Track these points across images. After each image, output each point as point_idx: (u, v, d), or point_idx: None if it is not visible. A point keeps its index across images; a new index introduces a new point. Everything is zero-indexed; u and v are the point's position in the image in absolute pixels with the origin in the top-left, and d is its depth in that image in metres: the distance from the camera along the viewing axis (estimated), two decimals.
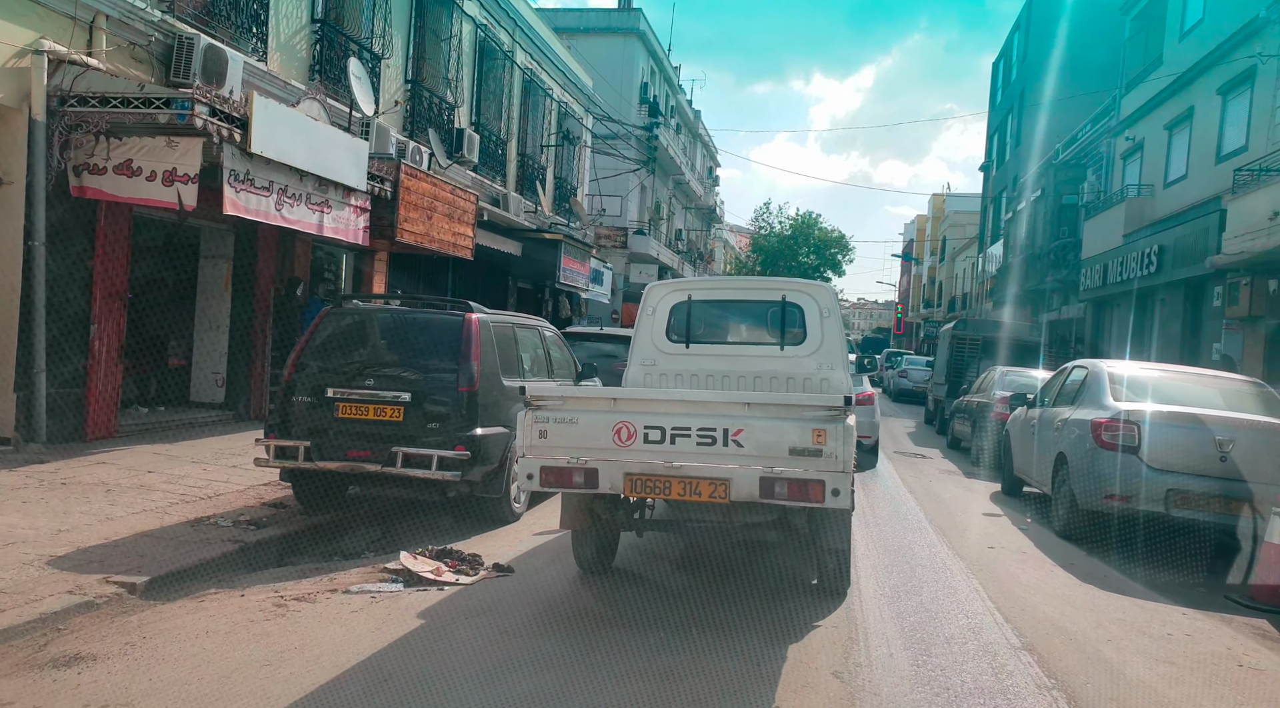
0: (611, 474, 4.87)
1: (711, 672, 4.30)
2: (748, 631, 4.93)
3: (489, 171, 18.50)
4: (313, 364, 7.20)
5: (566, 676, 4.19)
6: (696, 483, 4.77)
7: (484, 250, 16.67)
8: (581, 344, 14.13)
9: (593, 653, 4.49)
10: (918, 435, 18.68)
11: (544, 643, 4.63)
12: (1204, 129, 18.46)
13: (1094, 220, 23.97)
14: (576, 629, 4.90)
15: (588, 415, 4.99)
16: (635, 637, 4.76)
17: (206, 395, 12.25)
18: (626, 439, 4.85)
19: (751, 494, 4.71)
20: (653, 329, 7.17)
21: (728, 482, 4.73)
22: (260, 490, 7.95)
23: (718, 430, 4.77)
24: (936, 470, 13.01)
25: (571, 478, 4.93)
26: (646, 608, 5.34)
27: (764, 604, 5.44)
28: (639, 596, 5.67)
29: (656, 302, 7.22)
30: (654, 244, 33.59)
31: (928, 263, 69.95)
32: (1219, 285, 16.28)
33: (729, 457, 4.76)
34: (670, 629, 4.88)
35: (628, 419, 4.88)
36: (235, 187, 9.16)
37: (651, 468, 4.83)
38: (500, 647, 4.55)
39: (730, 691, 4.10)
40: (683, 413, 4.91)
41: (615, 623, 5.04)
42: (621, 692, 4.01)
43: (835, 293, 7.50)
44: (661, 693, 4.02)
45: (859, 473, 5.07)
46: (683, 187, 41.78)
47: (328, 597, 5.18)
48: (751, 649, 4.62)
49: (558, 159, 23.19)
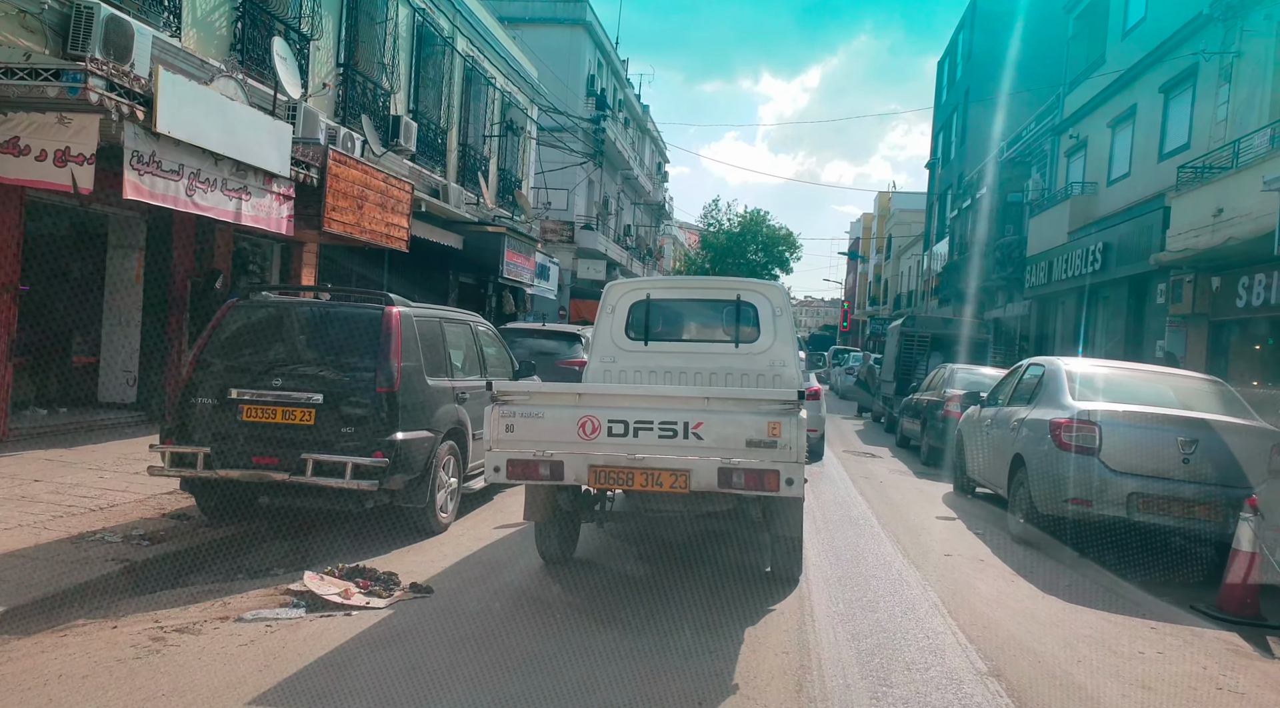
0: (576, 466, 5.05)
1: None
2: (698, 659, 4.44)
3: (428, 162, 17.78)
4: (215, 362, 6.53)
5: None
6: (658, 474, 4.97)
7: (422, 243, 15.99)
8: (522, 341, 13.56)
9: (514, 702, 3.95)
10: (867, 434, 18.46)
11: (459, 684, 4.06)
12: (1146, 127, 18.52)
13: (1039, 218, 24.04)
14: (499, 663, 4.36)
15: (553, 410, 5.18)
16: (567, 669, 4.24)
17: (116, 395, 11.41)
18: (591, 433, 5.04)
19: (710, 484, 4.93)
20: (612, 327, 7.31)
21: (688, 472, 4.93)
22: (162, 500, 7.24)
23: (678, 424, 4.97)
24: (887, 470, 12.71)
25: (537, 470, 5.10)
26: (579, 634, 4.83)
27: (713, 617, 4.97)
28: (572, 619, 5.15)
29: (616, 300, 7.35)
30: (602, 239, 33.04)
31: (874, 261, 70.52)
32: (1162, 283, 16.29)
33: (689, 449, 4.97)
34: (609, 662, 4.37)
35: (592, 413, 5.08)
36: (138, 169, 8.41)
37: (615, 460, 5.01)
38: (407, 684, 3.98)
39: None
40: (645, 407, 5.10)
41: (544, 657, 4.50)
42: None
43: (787, 292, 7.63)
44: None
45: (808, 469, 5.14)
46: (631, 182, 41.28)
47: (216, 626, 4.56)
48: (701, 676, 4.13)
49: (501, 150, 22.51)
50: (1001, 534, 8.09)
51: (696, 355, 7.26)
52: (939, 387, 13.80)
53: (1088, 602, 5.99)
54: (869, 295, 71.68)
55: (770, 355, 7.12)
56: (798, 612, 5.33)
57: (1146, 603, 6.06)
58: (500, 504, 8.42)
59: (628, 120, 40.27)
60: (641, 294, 7.38)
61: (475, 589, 5.56)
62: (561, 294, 31.59)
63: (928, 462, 13.24)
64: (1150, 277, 16.88)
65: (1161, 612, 5.84)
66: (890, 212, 63.67)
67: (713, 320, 7.51)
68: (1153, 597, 6.20)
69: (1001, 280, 27.29)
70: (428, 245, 16.50)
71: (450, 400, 7.18)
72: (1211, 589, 6.05)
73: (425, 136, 17.52)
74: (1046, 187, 25.14)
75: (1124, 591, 6.35)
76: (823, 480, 10.69)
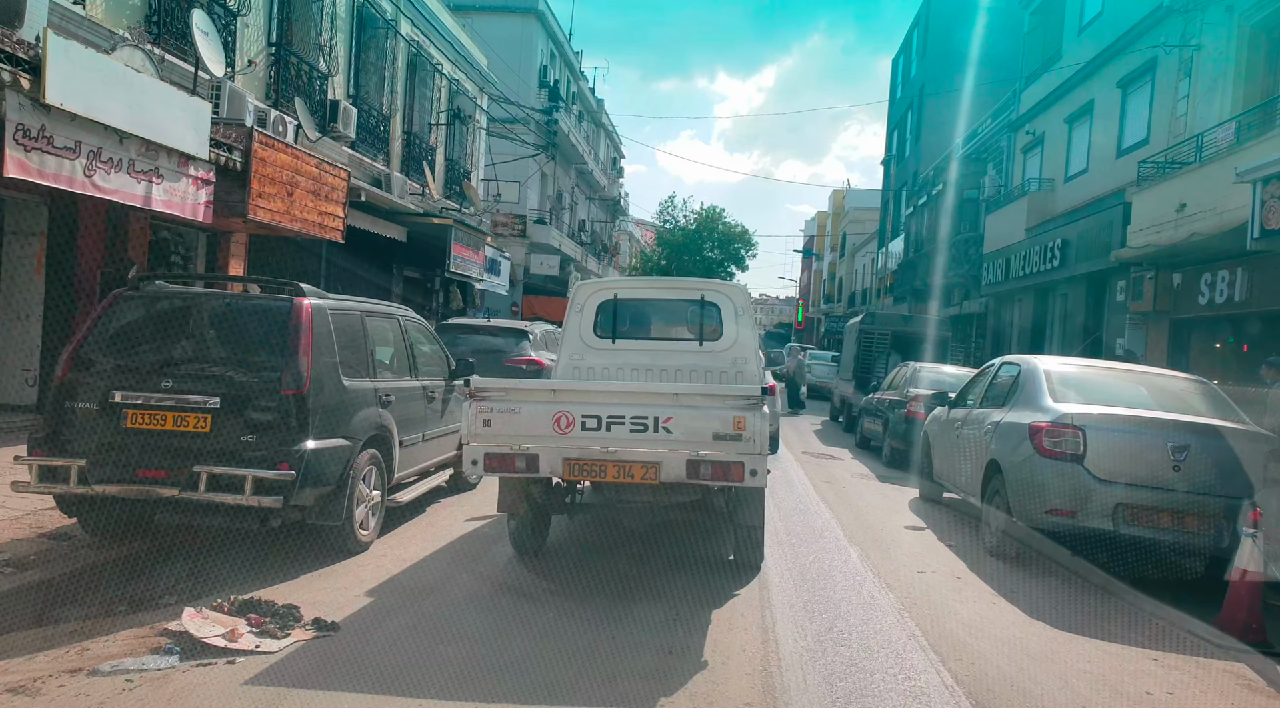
0: (551, 459, 5.27)
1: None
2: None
3: (369, 149, 16.88)
4: (97, 361, 5.68)
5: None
6: (630, 466, 5.20)
7: (364, 235, 15.12)
8: (466, 338, 12.80)
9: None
10: (825, 433, 17.95)
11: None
12: (1105, 122, 18.27)
13: (996, 215, 23.80)
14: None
15: (529, 406, 5.38)
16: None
17: (14, 396, 10.42)
18: (566, 427, 5.24)
19: (679, 476, 5.17)
20: (581, 325, 7.47)
21: (658, 464, 5.17)
22: (42, 517, 6.36)
23: (649, 418, 5.18)
24: (849, 473, 12.17)
25: (514, 463, 5.31)
26: (498, 671, 4.13)
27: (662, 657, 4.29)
28: (491, 655, 4.44)
29: (585, 299, 7.52)
30: (555, 234, 32.21)
31: (828, 259, 70.56)
32: (1122, 280, 16.02)
33: (659, 442, 5.19)
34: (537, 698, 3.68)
35: (567, 409, 5.27)
36: (24, 144, 7.48)
37: (589, 453, 5.25)
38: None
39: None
40: (618, 403, 5.33)
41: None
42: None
43: (749, 293, 7.87)
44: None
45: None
46: (586, 176, 40.49)
47: (61, 684, 3.76)
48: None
49: (449, 140, 21.60)
50: (976, 546, 7.54)
51: (662, 353, 7.46)
52: (901, 386, 13.31)
53: (1078, 628, 5.41)
54: (823, 293, 71.72)
55: (733, 353, 7.33)
56: (760, 650, 4.69)
57: (1141, 626, 5.52)
58: (433, 517, 7.68)
59: (582, 114, 39.49)
60: (609, 294, 7.57)
61: (390, 623, 4.82)
62: (514, 290, 30.72)
63: (890, 463, 12.73)
64: (1110, 274, 16.61)
65: (1159, 637, 5.29)
66: (845, 210, 63.66)
67: (678, 319, 7.72)
68: (1146, 618, 5.67)
69: (958, 278, 27.06)
70: (369, 237, 15.63)
71: (372, 404, 6.41)
72: (1206, 606, 5.55)
73: (366, 123, 16.61)
74: (1003, 184, 24.92)
75: (1114, 612, 5.81)
76: (782, 485, 10.09)
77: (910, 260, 34.02)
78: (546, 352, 13.00)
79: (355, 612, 4.92)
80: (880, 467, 12.78)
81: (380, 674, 4.08)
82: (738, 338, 7.32)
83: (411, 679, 4.01)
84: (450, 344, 9.62)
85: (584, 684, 4.06)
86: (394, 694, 3.85)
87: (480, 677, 4.11)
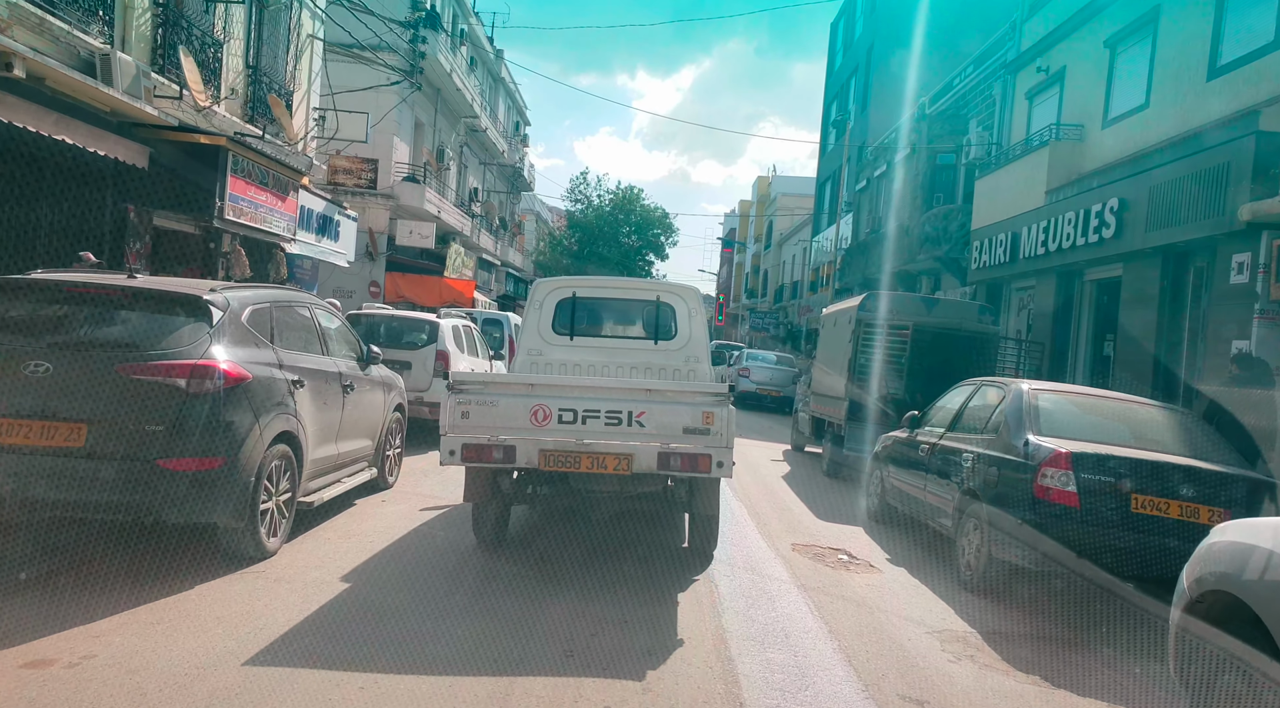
0: (528, 450, 5.57)
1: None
2: None
3: (75, 12, 10.27)
4: None
5: None
6: (603, 457, 5.55)
7: (53, 148, 8.59)
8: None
9: None
10: (798, 478, 11.97)
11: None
12: (1180, 36, 12.93)
13: (990, 179, 18.49)
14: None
15: (507, 399, 5.66)
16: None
17: None
18: (543, 420, 5.59)
19: (650, 466, 5.57)
20: (539, 322, 7.78)
21: (631, 456, 5.55)
22: None
23: (624, 412, 5.60)
24: (939, 646, 6.26)
25: (491, 454, 5.58)
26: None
27: None
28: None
29: (544, 297, 7.86)
30: (433, 196, 25.66)
31: (751, 250, 65.51)
32: (1241, 253, 10.61)
33: (632, 435, 5.59)
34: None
35: (544, 402, 5.61)
36: None
37: (564, 445, 5.58)
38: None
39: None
40: (593, 397, 5.67)
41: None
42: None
43: (700, 295, 8.09)
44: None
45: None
46: (478, 136, 33.94)
47: None
48: None
49: (249, 35, 14.93)
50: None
51: (618, 350, 7.83)
52: (996, 429, 6.65)
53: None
54: (745, 288, 66.65)
55: (686, 352, 7.72)
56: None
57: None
58: None
59: (474, 60, 32.90)
60: (568, 292, 7.86)
61: None
62: (371, 264, 24.11)
63: (984, 580, 6.87)
64: (1208, 245, 11.26)
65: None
66: (771, 196, 58.48)
67: (633, 319, 8.11)
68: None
69: (931, 261, 21.71)
70: (71, 152, 9.10)
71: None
72: None
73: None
74: (995, 141, 19.61)
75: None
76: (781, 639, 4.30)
77: (861, 244, 28.66)
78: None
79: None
80: (972, 599, 6.56)
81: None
82: (691, 337, 7.73)
83: None
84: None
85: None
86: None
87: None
